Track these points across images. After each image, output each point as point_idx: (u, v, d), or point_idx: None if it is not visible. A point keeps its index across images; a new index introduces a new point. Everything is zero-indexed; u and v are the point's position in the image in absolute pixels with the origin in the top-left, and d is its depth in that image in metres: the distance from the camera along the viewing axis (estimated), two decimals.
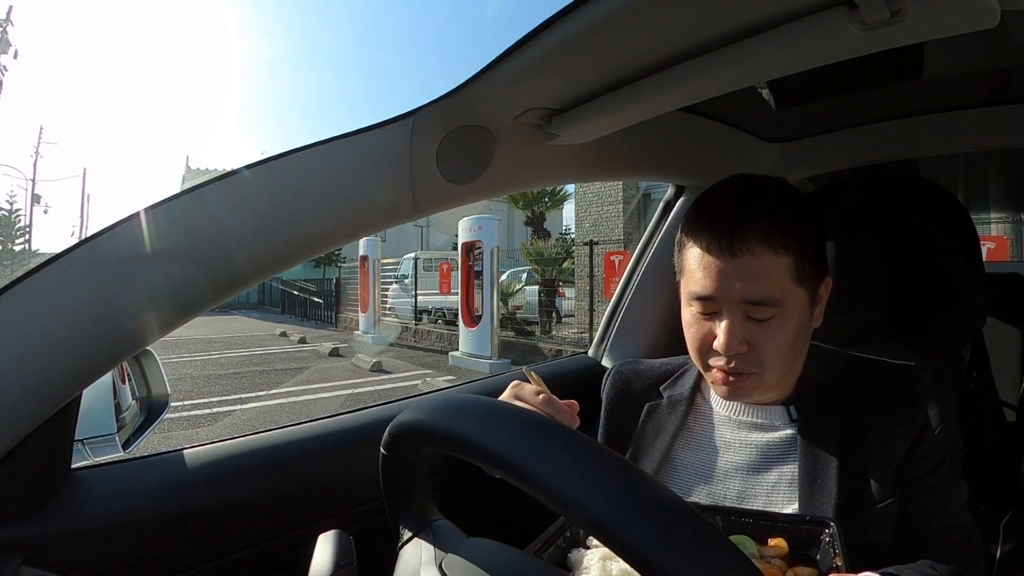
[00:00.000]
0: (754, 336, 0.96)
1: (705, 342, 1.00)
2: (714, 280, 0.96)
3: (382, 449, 0.77)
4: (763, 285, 0.94)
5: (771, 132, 1.67)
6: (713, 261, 0.96)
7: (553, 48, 0.83)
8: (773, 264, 0.94)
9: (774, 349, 0.97)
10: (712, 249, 0.96)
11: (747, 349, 0.97)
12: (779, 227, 0.95)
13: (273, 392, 9.48)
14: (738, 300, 0.95)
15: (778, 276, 0.95)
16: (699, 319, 1.01)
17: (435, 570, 0.71)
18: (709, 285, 0.97)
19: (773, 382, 1.02)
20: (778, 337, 0.96)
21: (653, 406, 1.17)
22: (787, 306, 0.95)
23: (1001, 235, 10.00)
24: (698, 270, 0.98)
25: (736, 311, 0.96)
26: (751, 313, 0.96)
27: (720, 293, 0.96)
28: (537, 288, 14.37)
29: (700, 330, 1.01)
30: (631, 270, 1.89)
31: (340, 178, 0.95)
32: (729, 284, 0.95)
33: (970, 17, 0.70)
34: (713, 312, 0.99)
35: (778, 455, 1.04)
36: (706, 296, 0.97)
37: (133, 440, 1.24)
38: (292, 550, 1.10)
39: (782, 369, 1.00)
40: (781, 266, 0.95)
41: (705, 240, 0.98)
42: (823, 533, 0.87)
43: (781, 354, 0.98)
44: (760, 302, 0.94)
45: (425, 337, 15.79)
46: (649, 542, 0.47)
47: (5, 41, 32.56)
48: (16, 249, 39.26)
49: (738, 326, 0.96)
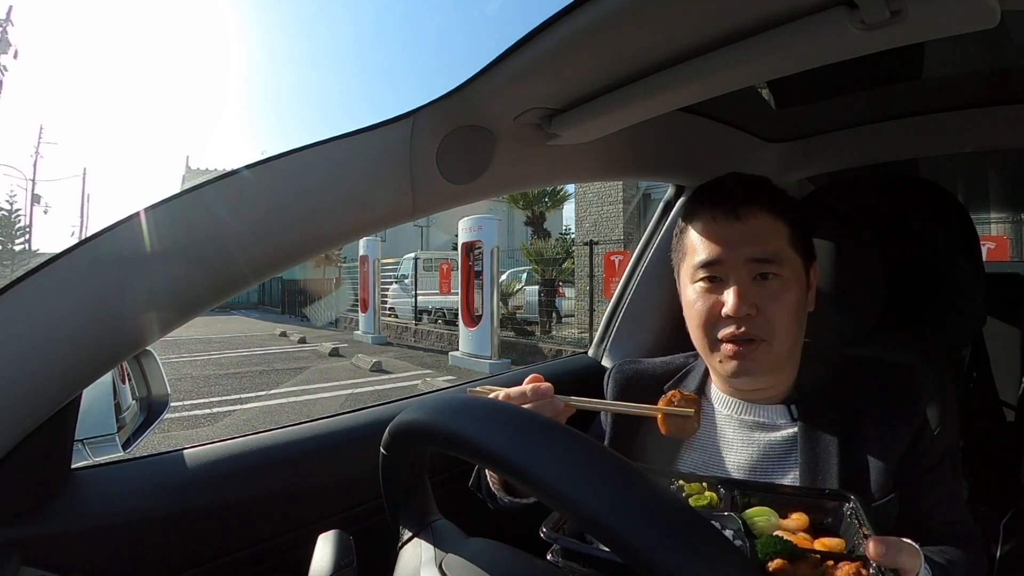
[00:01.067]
0: (761, 299, 1.00)
1: (713, 312, 1.03)
2: (720, 244, 1.02)
3: (382, 449, 0.77)
4: (768, 244, 1.01)
5: (771, 132, 1.67)
6: (719, 228, 1.03)
7: (553, 48, 0.84)
8: (774, 227, 1.02)
9: (781, 313, 1.00)
10: (718, 217, 1.03)
11: (756, 312, 1.00)
12: (776, 196, 1.05)
13: (273, 392, 9.47)
14: (745, 259, 1.00)
15: (779, 238, 1.02)
16: (704, 292, 1.04)
17: (435, 570, 0.71)
18: (715, 249, 1.02)
19: (780, 356, 1.03)
20: (784, 300, 1.01)
21: None
22: (788, 270, 1.02)
23: (1001, 235, 10.00)
24: (703, 241, 1.04)
25: (743, 272, 1.01)
26: (759, 270, 1.01)
27: (727, 255, 1.01)
28: (537, 288, 14.34)
29: (706, 302, 1.03)
30: (631, 270, 1.89)
31: (340, 178, 0.95)
32: (736, 246, 1.01)
33: (970, 17, 0.70)
34: (719, 280, 1.03)
35: (780, 454, 1.04)
36: (714, 260, 1.02)
37: (133, 440, 1.24)
38: (292, 550, 1.10)
39: (788, 340, 1.03)
40: (781, 230, 1.03)
41: (709, 211, 1.05)
42: (844, 507, 0.87)
43: (787, 321, 1.01)
44: (766, 259, 1.00)
45: (425, 337, 15.78)
46: (649, 541, 0.47)
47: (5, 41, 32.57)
48: (16, 249, 39.26)
49: (747, 287, 1.00)
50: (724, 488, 0.93)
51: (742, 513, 0.87)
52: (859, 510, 0.84)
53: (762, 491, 0.93)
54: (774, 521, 0.86)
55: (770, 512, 0.87)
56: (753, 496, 0.92)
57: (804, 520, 0.87)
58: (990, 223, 9.63)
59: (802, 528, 0.85)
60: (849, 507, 0.86)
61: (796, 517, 0.87)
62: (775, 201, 1.04)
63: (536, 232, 16.42)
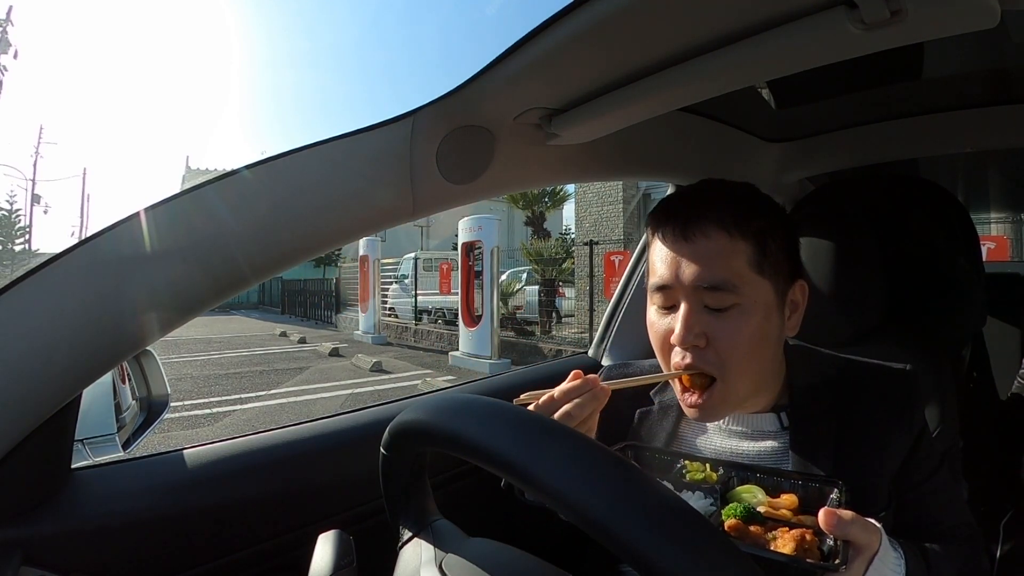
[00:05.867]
0: (712, 329, 0.93)
1: (665, 338, 0.97)
2: (669, 267, 0.95)
3: (382, 449, 0.77)
4: (717, 269, 0.91)
5: (771, 132, 1.67)
6: (670, 249, 0.95)
7: (553, 48, 0.84)
8: (728, 248, 0.92)
9: (734, 345, 0.92)
10: (668, 237, 0.96)
11: (704, 344, 0.93)
12: (736, 212, 0.94)
13: (273, 392, 9.47)
14: (693, 285, 0.92)
15: (734, 261, 0.92)
16: (659, 316, 0.99)
17: (435, 570, 0.71)
18: (665, 273, 0.95)
19: (741, 394, 0.97)
20: (739, 331, 0.92)
21: (644, 412, 1.15)
22: (747, 296, 0.92)
23: (1001, 235, 10.00)
24: (657, 261, 0.97)
25: (692, 299, 0.93)
26: (708, 301, 0.93)
27: (675, 280, 0.94)
28: (537, 288, 14.35)
29: (661, 326, 0.98)
30: (631, 270, 1.89)
31: (340, 178, 0.96)
32: (683, 269, 0.93)
33: (970, 17, 0.70)
34: (672, 305, 0.97)
35: (769, 464, 1.00)
36: (663, 285, 0.95)
37: (133, 440, 1.24)
38: (292, 550, 1.10)
39: (747, 375, 0.96)
40: (738, 251, 0.92)
41: (662, 230, 0.97)
42: (833, 492, 0.87)
43: (742, 353, 0.93)
44: (715, 286, 0.91)
45: (425, 337, 15.78)
46: (649, 542, 0.47)
47: (5, 41, 32.56)
48: (16, 249, 39.27)
49: (694, 315, 0.93)
50: (724, 469, 0.94)
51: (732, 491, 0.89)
52: (842, 495, 0.85)
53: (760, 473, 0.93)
54: (760, 497, 0.87)
55: (757, 490, 0.89)
56: (751, 479, 0.92)
57: (793, 500, 0.88)
58: (990, 223, 9.64)
59: (790, 507, 0.86)
60: (836, 493, 0.87)
61: (786, 497, 0.88)
62: (733, 215, 0.93)
63: (536, 232, 16.42)
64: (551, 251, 14.41)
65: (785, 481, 0.91)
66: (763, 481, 0.91)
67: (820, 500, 0.88)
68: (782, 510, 0.85)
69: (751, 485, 0.90)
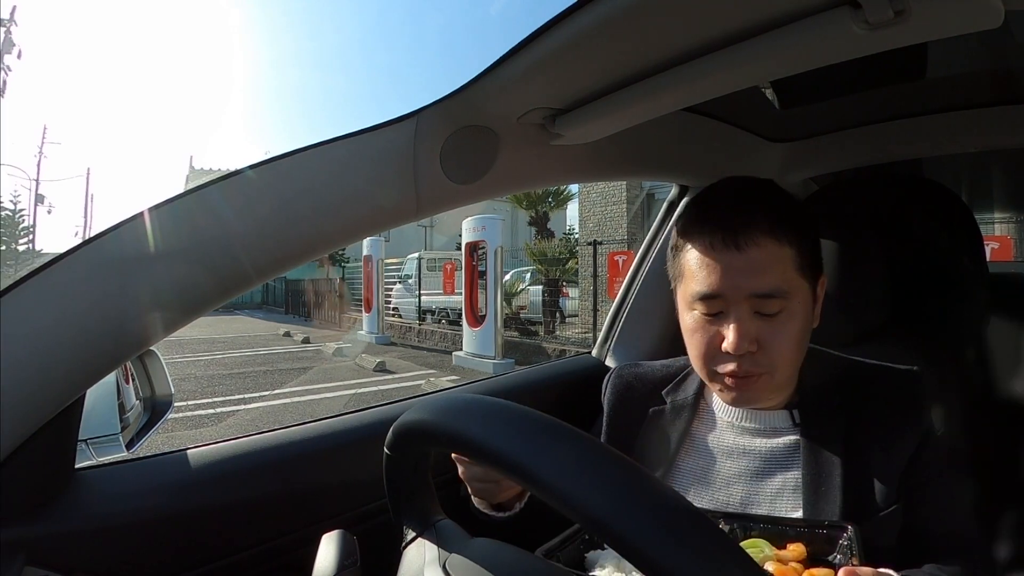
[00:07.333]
0: (763, 333, 0.95)
1: (712, 345, 0.98)
2: (720, 276, 0.94)
3: (386, 449, 0.77)
4: (771, 277, 0.93)
5: (775, 132, 1.67)
6: (717, 258, 0.95)
7: (557, 48, 0.83)
8: (779, 255, 0.94)
9: (783, 346, 0.95)
10: (716, 245, 0.95)
11: (756, 349, 0.95)
12: (781, 218, 0.95)
13: (277, 392, 9.48)
14: (746, 295, 0.94)
15: (784, 267, 0.94)
16: (703, 323, 0.99)
17: (439, 570, 0.71)
18: (716, 282, 0.95)
19: (781, 383, 1.01)
20: (788, 332, 0.95)
21: (657, 411, 1.16)
22: (794, 299, 0.95)
23: (1005, 235, 9.96)
24: (701, 269, 0.97)
25: (744, 307, 0.94)
26: (759, 308, 0.94)
27: (727, 289, 0.94)
28: (541, 288, 14.36)
29: (706, 334, 0.98)
30: (635, 270, 1.89)
31: (344, 178, 0.96)
32: (736, 279, 0.94)
33: (974, 17, 0.70)
34: (718, 312, 0.97)
35: (781, 461, 1.02)
36: (712, 294, 0.95)
37: (137, 440, 1.25)
38: (296, 550, 1.10)
39: (791, 368, 1.00)
40: (786, 257, 0.95)
41: (707, 238, 0.96)
42: (842, 537, 0.86)
43: (790, 351, 0.96)
44: (769, 294, 0.93)
45: (429, 337, 15.79)
46: (654, 543, 0.47)
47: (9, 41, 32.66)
48: (20, 249, 39.41)
49: (747, 323, 0.94)
50: (725, 522, 0.92)
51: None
52: (855, 541, 0.84)
53: (763, 523, 0.92)
54: (767, 552, 0.85)
55: (764, 543, 0.86)
56: (753, 529, 0.91)
57: (801, 551, 0.86)
58: (994, 223, 9.59)
59: (798, 559, 0.84)
60: (847, 537, 0.86)
61: (793, 548, 0.86)
62: (781, 223, 0.95)
63: (540, 232, 16.39)
64: (555, 251, 14.42)
65: (790, 528, 0.90)
66: (767, 531, 0.90)
67: (829, 546, 0.87)
68: (791, 564, 0.83)
69: (755, 539, 0.87)
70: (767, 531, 0.90)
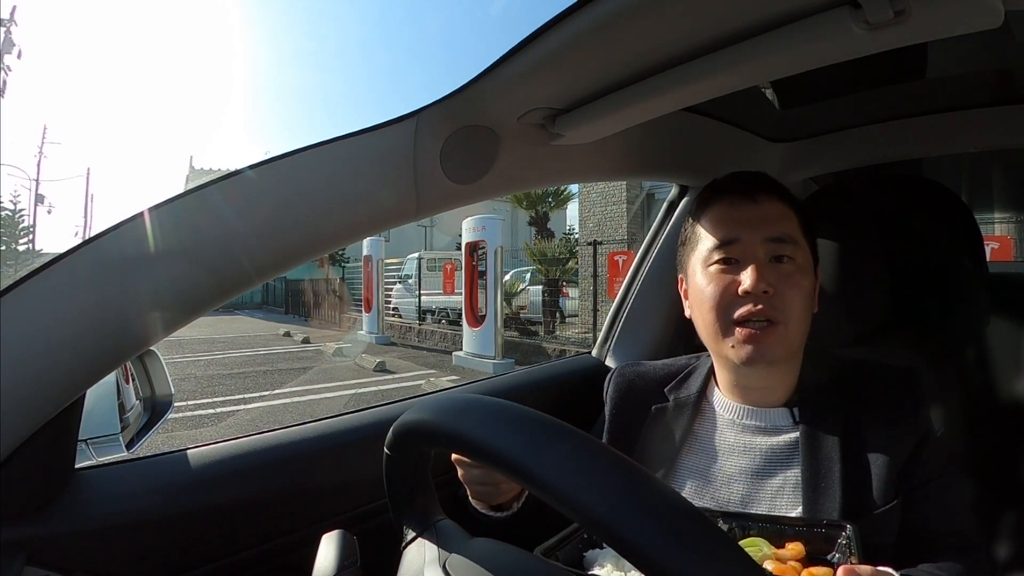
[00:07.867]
0: (778, 280, 1.00)
1: (728, 291, 1.02)
2: (738, 224, 1.04)
3: (386, 449, 0.77)
4: (782, 224, 1.04)
5: (775, 132, 1.67)
6: (735, 211, 1.05)
7: (557, 48, 0.83)
8: (786, 212, 1.06)
9: (795, 296, 1.00)
10: (735, 201, 1.06)
11: (772, 293, 0.99)
12: (784, 190, 1.09)
13: (277, 392, 9.48)
14: (762, 239, 1.02)
15: (792, 223, 1.05)
16: (719, 274, 1.04)
17: (439, 570, 0.71)
18: (734, 228, 1.04)
19: (795, 342, 1.03)
20: (798, 284, 1.01)
21: (659, 409, 1.16)
22: (800, 255, 1.04)
23: (1005, 235, 9.96)
24: (719, 224, 1.06)
25: (760, 252, 1.02)
26: (774, 252, 1.02)
27: (745, 235, 1.03)
28: (541, 288, 14.35)
29: (721, 282, 1.03)
30: (635, 270, 1.89)
31: (344, 178, 0.96)
32: (754, 226, 1.03)
33: (973, 17, 0.70)
34: (735, 261, 1.03)
35: (782, 459, 1.03)
36: (730, 239, 1.03)
37: (137, 440, 1.25)
38: (296, 550, 1.10)
39: (801, 327, 1.03)
40: (791, 216, 1.06)
41: (726, 197, 1.07)
42: (840, 536, 0.87)
43: (800, 306, 1.01)
44: (781, 238, 1.02)
45: (429, 337, 15.79)
46: (654, 542, 0.47)
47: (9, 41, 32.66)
48: (20, 249, 39.41)
49: (764, 267, 1.00)
50: (724, 521, 0.93)
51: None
52: (853, 540, 0.84)
53: (762, 522, 0.92)
54: (765, 551, 0.85)
55: (762, 542, 0.86)
56: (752, 528, 0.91)
57: (800, 550, 0.86)
58: (994, 223, 9.59)
59: (797, 557, 0.85)
60: (845, 536, 0.86)
61: (792, 547, 0.87)
62: (785, 192, 1.09)
63: (540, 232, 16.38)
64: (555, 251, 14.42)
65: (788, 528, 0.90)
66: (765, 530, 0.90)
67: (827, 545, 0.87)
68: (790, 563, 0.83)
69: (754, 537, 0.88)
70: (766, 530, 0.90)
